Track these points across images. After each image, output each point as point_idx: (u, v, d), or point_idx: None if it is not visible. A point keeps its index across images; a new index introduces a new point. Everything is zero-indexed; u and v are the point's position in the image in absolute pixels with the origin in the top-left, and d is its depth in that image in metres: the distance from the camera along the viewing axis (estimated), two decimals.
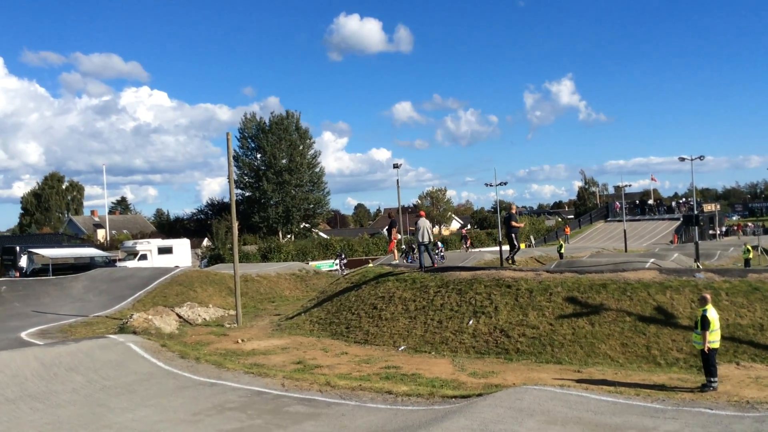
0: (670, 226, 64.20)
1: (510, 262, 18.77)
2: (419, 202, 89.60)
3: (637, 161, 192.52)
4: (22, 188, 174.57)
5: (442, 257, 31.81)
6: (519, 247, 18.94)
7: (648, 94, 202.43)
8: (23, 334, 18.14)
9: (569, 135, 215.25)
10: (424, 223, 19.46)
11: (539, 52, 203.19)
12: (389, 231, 22.54)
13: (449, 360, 14.05)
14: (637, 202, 76.16)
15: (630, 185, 75.77)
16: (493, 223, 75.47)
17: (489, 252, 43.52)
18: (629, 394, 9.77)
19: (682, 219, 65.24)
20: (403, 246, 40.21)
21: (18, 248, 37.89)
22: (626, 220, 58.68)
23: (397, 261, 22.32)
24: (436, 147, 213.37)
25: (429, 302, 16.84)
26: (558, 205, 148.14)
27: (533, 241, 61.81)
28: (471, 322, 15.44)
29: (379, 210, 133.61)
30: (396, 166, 58.53)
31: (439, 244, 38.05)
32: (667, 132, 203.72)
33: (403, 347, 15.48)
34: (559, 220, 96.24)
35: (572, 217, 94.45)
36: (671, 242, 57.03)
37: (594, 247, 50.11)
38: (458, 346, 14.87)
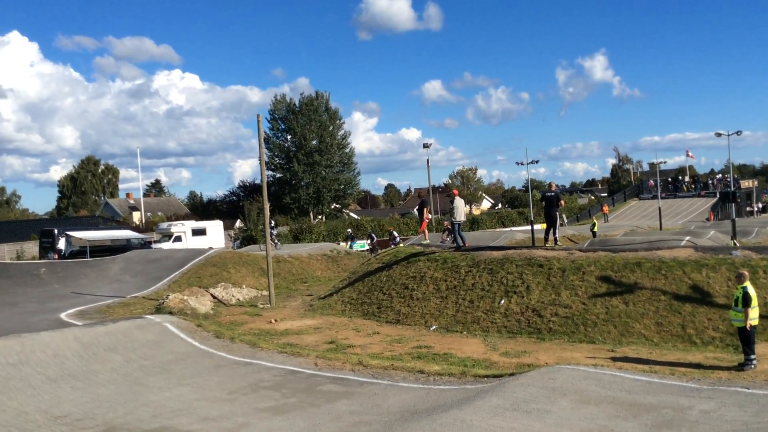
0: (706, 203, 62.99)
1: (555, 242, 18.39)
2: (450, 181, 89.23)
3: (673, 137, 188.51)
4: (59, 172, 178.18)
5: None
6: (554, 227, 18.62)
7: (684, 68, 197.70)
8: (63, 315, 18.59)
9: (603, 111, 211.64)
10: (459, 202, 19.53)
11: (572, 27, 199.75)
12: (420, 211, 22.50)
13: (481, 339, 14.06)
14: (670, 179, 74.72)
15: (665, 162, 74.62)
16: (524, 202, 74.85)
17: (520, 231, 43.18)
18: (664, 374, 9.67)
19: (718, 196, 64.03)
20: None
21: (56, 231, 38.74)
22: (661, 198, 57.66)
23: (428, 241, 22.29)
24: (466, 126, 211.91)
25: (460, 282, 16.83)
26: (591, 183, 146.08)
27: (565, 220, 61.18)
28: (503, 302, 15.40)
29: (409, 190, 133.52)
30: (426, 146, 58.35)
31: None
32: (703, 107, 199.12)
33: (434, 327, 15.52)
34: (592, 198, 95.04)
35: (606, 195, 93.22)
36: (707, 220, 55.93)
37: (628, 225, 49.43)
38: (490, 325, 14.86)
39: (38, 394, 10.50)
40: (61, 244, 37.45)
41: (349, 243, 41.84)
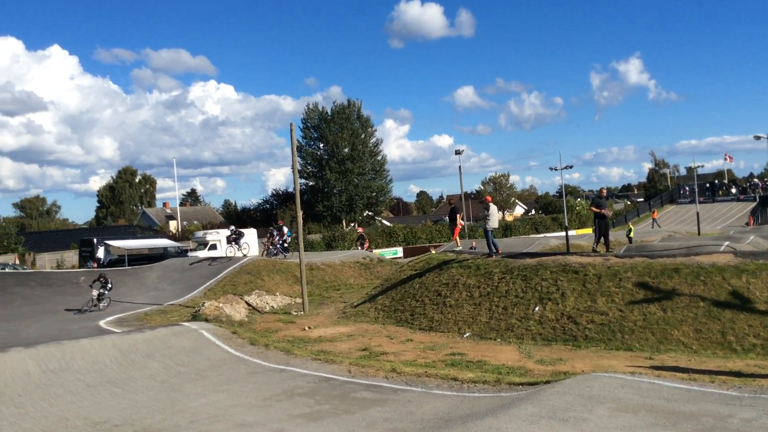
0: (745, 207, 61.66)
1: (606, 248, 18.03)
2: (482, 188, 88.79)
3: (710, 141, 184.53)
4: (98, 182, 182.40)
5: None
6: (607, 234, 18.23)
7: (721, 70, 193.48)
8: (102, 323, 18.96)
9: (638, 115, 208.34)
10: (493, 208, 19.49)
11: (606, 31, 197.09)
12: (451, 218, 22.43)
13: (515, 347, 13.94)
14: (708, 184, 73.26)
15: (702, 166, 73.51)
16: (558, 207, 74.10)
17: (555, 237, 42.77)
18: (704, 381, 9.47)
19: (758, 200, 62.60)
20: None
21: (95, 240, 39.57)
22: (699, 202, 56.57)
23: (461, 248, 22.21)
24: (498, 132, 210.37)
25: (494, 288, 16.72)
26: (627, 188, 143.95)
27: None
28: (537, 309, 15.26)
29: (441, 197, 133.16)
30: (458, 153, 58.28)
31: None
32: (741, 109, 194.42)
33: (468, 334, 15.44)
34: (628, 203, 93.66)
35: (642, 200, 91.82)
36: (747, 224, 54.70)
37: (665, 231, 48.58)
38: (524, 332, 14.73)
39: (78, 401, 10.72)
40: (100, 252, 38.22)
41: (358, 245, 41.61)
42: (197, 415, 9.83)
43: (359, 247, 37.92)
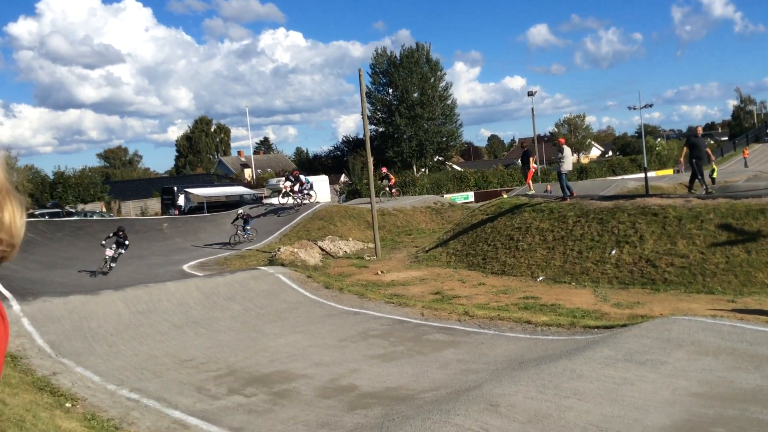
0: None
1: (705, 190, 17.21)
2: (556, 130, 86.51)
3: None
4: (175, 132, 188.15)
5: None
6: (702, 175, 17.39)
7: None
8: (185, 267, 19.78)
9: (723, 50, 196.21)
10: (567, 150, 19.01)
11: None
12: (524, 161, 22.02)
13: (591, 290, 13.75)
14: None
15: None
16: (637, 148, 71.50)
17: (632, 179, 41.44)
18: None
19: None
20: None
21: (176, 188, 41.04)
22: None
23: (533, 191, 21.85)
24: (574, 71, 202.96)
25: (568, 232, 16.44)
26: (710, 126, 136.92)
27: (682, 167, 58.10)
28: (614, 252, 14.93)
29: (513, 140, 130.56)
30: (531, 94, 56.63)
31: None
32: None
33: (541, 278, 15.31)
34: (711, 142, 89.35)
35: (726, 138, 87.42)
36: None
37: (751, 171, 46.25)
38: (600, 276, 14.49)
39: (166, 340, 11.32)
40: (181, 200, 39.66)
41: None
42: (277, 355, 10.22)
43: (386, 189, 34.26)
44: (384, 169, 36.11)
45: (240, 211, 25.51)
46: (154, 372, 9.56)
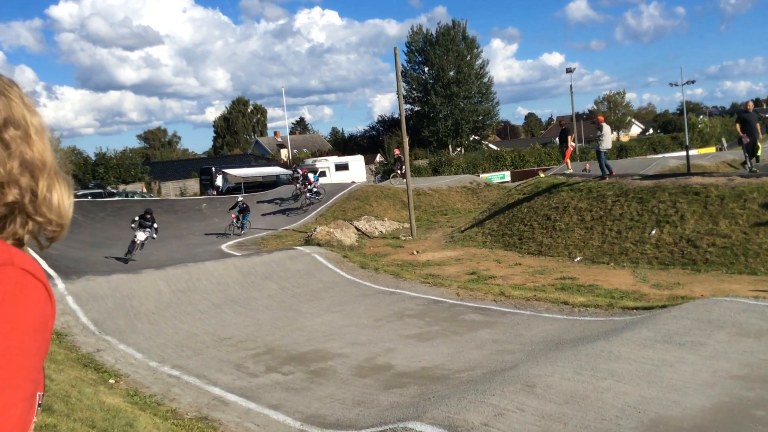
0: None
1: (749, 168, 16.65)
2: (595, 107, 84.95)
3: None
4: (213, 113, 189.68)
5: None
6: (756, 152, 16.80)
7: None
8: (223, 247, 20.07)
9: None
10: (606, 128, 18.67)
11: None
12: (562, 140, 21.68)
13: (629, 271, 13.56)
14: None
15: None
16: (678, 126, 69.85)
17: (674, 158, 40.55)
18: None
19: None
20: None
21: (214, 169, 41.55)
22: None
23: (571, 170, 21.53)
24: (614, 47, 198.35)
25: (606, 212, 16.20)
26: (755, 103, 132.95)
27: (725, 144, 56.57)
28: (654, 232, 14.67)
29: (551, 118, 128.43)
30: (569, 71, 55.79)
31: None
32: None
33: (579, 258, 15.15)
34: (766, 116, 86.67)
35: None
36: None
37: None
38: (639, 256, 14.27)
39: (205, 318, 11.54)
40: (219, 180, 40.14)
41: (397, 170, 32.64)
42: (313, 334, 10.34)
43: (398, 171, 31.62)
44: (397, 152, 34.78)
45: (240, 198, 23.82)
46: (195, 349, 9.76)
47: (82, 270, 14.12)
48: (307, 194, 27.25)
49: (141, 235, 17.63)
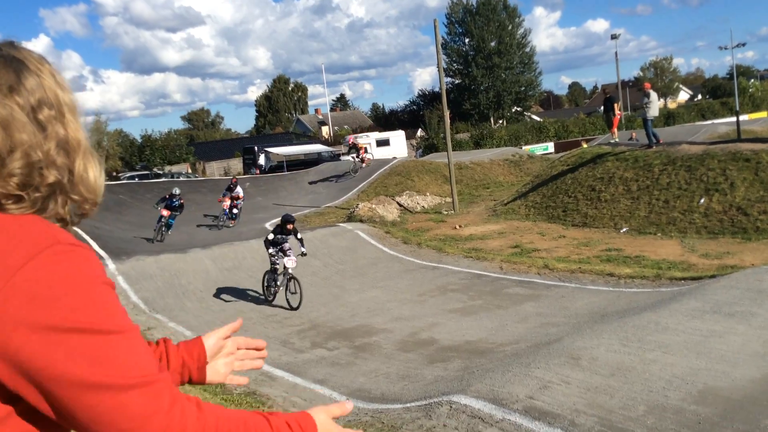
0: None
1: None
2: (641, 74, 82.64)
3: None
4: (254, 92, 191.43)
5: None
6: None
7: None
8: (267, 225, 20.30)
9: None
10: (653, 95, 18.18)
11: None
12: (607, 108, 21.17)
13: (677, 241, 13.28)
14: None
15: None
16: (728, 91, 67.56)
17: (724, 124, 39.28)
18: None
19: None
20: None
21: (256, 148, 41.93)
22: None
23: (617, 140, 21.06)
24: (661, 10, 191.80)
25: (653, 181, 15.84)
26: None
27: None
28: (702, 201, 14.30)
29: (595, 87, 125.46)
30: (614, 37, 54.30)
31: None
32: None
33: (625, 229, 14.89)
34: None
35: None
36: None
37: None
38: (687, 226, 13.94)
39: (251, 295, 11.74)
40: (262, 159, 40.51)
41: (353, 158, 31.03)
42: (357, 309, 10.45)
43: (355, 159, 30.08)
44: (350, 139, 32.73)
45: (176, 191, 18.09)
46: (242, 327, 9.96)
47: (132, 250, 14.51)
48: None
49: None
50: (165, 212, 17.26)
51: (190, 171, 46.25)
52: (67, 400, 0.83)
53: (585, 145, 23.65)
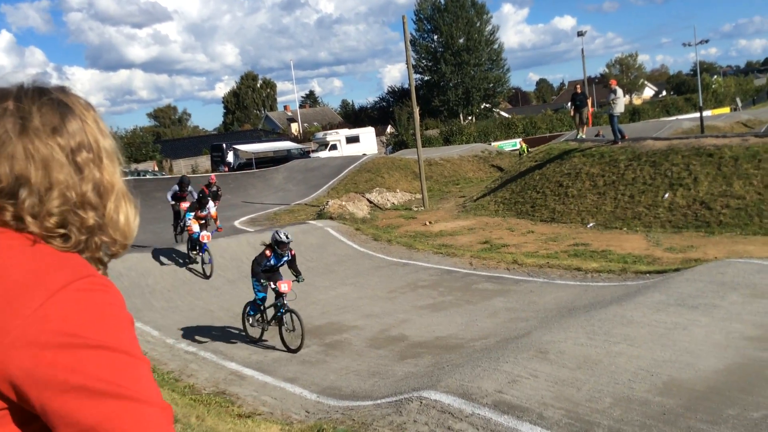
0: None
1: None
2: (607, 70, 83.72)
3: None
4: (222, 89, 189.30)
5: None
6: None
7: None
8: (236, 223, 20.16)
9: None
10: (619, 92, 18.43)
11: None
12: (576, 104, 21.27)
13: (643, 235, 13.50)
14: None
15: None
16: (692, 87, 68.81)
17: (687, 119, 40.00)
18: None
19: None
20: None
21: (224, 145, 41.52)
22: None
23: (584, 136, 21.29)
24: (627, 7, 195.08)
25: (619, 177, 16.08)
26: None
27: (740, 104, 55.75)
28: (667, 196, 14.56)
29: (562, 83, 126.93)
30: (581, 34, 54.87)
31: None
32: None
33: (591, 224, 15.09)
34: None
35: None
36: None
37: None
38: (652, 220, 14.19)
39: (220, 295, 11.65)
40: (230, 157, 40.12)
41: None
42: (327, 307, 10.43)
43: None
44: (213, 178, 24.25)
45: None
46: (211, 326, 9.88)
47: None
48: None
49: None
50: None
51: (156, 169, 45.62)
52: (90, 410, 0.85)
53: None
